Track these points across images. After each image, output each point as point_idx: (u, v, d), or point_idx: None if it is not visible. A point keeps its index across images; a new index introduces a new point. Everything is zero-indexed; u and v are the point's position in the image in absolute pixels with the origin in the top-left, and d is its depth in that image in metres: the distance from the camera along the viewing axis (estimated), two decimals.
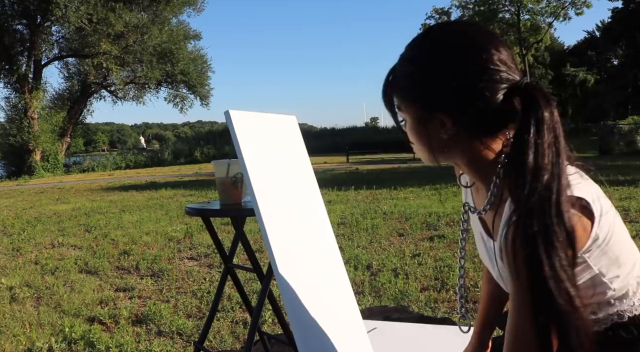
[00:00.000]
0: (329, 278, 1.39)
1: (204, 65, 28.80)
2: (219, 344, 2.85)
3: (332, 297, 1.38)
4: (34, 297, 3.90)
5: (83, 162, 26.65)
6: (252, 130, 1.26)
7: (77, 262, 4.93)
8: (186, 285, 4.01)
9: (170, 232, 6.21)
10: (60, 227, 7.05)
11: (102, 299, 3.72)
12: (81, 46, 24.13)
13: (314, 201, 1.46)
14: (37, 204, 10.28)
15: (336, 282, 1.44)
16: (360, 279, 3.86)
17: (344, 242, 5.07)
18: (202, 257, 4.90)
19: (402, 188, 9.50)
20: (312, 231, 1.36)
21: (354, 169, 16.11)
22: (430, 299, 3.34)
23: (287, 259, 1.20)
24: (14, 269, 4.77)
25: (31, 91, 22.89)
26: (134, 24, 23.88)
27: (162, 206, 8.83)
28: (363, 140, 28.15)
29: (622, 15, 33.88)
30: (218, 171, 1.80)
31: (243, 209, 1.78)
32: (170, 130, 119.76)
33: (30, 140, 22.14)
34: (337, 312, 1.39)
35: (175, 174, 18.41)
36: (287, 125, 1.45)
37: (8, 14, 22.81)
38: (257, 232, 5.62)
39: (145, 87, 28.25)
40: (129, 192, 12.07)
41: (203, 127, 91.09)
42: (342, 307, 1.43)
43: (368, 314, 3.06)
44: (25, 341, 3.00)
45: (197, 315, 3.32)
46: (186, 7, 26.16)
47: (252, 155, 1.21)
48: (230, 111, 1.20)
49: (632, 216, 5.90)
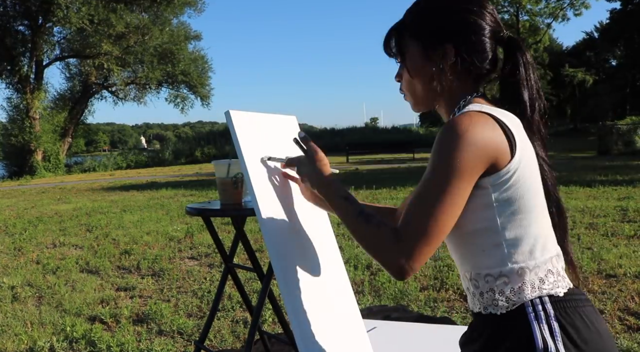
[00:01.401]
0: (329, 278, 1.40)
1: (205, 66, 28.81)
2: (220, 343, 2.87)
3: (332, 297, 1.39)
4: (35, 297, 3.92)
5: (84, 162, 26.63)
6: (252, 130, 1.27)
7: (79, 261, 4.95)
8: (187, 284, 4.03)
9: (171, 232, 6.23)
10: (61, 227, 7.07)
11: (103, 299, 3.74)
12: (82, 47, 24.14)
13: None
14: (38, 204, 10.30)
15: (336, 282, 1.45)
16: (360, 278, 3.87)
17: (344, 242, 5.08)
18: (203, 257, 4.91)
19: (402, 188, 9.51)
20: (312, 231, 1.37)
21: (354, 169, 16.11)
22: (429, 299, 3.35)
23: (287, 258, 1.21)
24: (15, 268, 4.79)
25: (33, 92, 22.89)
26: (135, 25, 23.87)
27: (163, 206, 8.84)
28: (363, 140, 28.14)
29: (621, 16, 33.84)
30: (218, 171, 1.81)
31: (243, 209, 1.79)
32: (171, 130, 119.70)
33: (31, 141, 22.15)
34: (337, 311, 1.40)
35: (175, 174, 18.42)
36: (287, 126, 1.47)
37: (10, 15, 22.83)
38: (257, 232, 5.63)
39: (146, 88, 28.26)
40: (129, 192, 12.08)
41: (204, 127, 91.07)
42: (342, 306, 1.44)
43: (368, 314, 3.07)
44: (27, 340, 3.01)
45: (198, 314, 3.34)
46: (187, 8, 26.17)
47: (252, 155, 1.22)
48: (230, 111, 1.22)
49: (630, 215, 5.91)
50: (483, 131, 0.85)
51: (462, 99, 0.98)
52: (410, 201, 0.88)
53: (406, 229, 0.84)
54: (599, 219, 5.76)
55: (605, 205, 6.61)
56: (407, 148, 22.21)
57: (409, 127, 46.86)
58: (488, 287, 0.90)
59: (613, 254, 4.22)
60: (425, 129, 43.59)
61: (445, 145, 0.85)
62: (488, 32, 0.96)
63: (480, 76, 0.98)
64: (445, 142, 0.85)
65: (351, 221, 0.94)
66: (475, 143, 0.83)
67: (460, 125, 0.84)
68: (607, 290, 3.36)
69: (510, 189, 0.87)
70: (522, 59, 0.96)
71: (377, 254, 0.87)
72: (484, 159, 0.84)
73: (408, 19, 1.01)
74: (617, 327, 2.79)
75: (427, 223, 0.83)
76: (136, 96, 28.73)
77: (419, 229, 0.83)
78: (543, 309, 0.86)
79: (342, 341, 1.37)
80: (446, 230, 0.85)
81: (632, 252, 4.27)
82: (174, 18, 26.50)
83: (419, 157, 20.22)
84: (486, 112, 0.88)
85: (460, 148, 0.83)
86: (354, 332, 1.47)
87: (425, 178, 0.87)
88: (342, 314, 1.44)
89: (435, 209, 0.83)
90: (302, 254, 1.30)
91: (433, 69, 0.97)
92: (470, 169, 0.84)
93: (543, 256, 0.89)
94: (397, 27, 1.03)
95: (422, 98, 1.02)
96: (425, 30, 0.98)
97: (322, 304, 1.32)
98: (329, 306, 1.36)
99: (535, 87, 0.97)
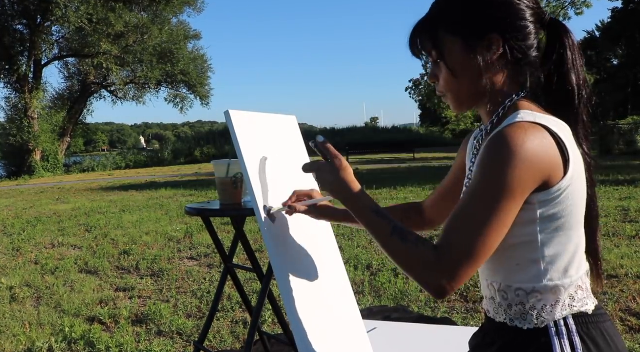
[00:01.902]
0: (329, 278, 1.39)
1: (204, 65, 28.80)
2: (219, 344, 2.85)
3: (332, 298, 1.38)
4: (34, 297, 3.90)
5: (83, 162, 26.64)
6: (252, 130, 1.26)
7: (77, 262, 4.93)
8: (186, 285, 4.01)
9: (171, 232, 6.22)
10: (60, 227, 7.05)
11: (102, 299, 3.72)
12: (81, 46, 24.12)
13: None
14: (37, 204, 10.28)
15: (336, 283, 1.44)
16: (360, 279, 3.86)
17: (344, 242, 5.07)
18: (202, 257, 4.90)
19: (402, 188, 9.51)
20: (311, 231, 1.36)
21: (354, 169, 16.08)
22: (430, 299, 3.34)
23: (287, 259, 1.20)
24: (14, 269, 4.77)
25: (31, 91, 22.88)
26: (134, 24, 23.86)
27: (162, 206, 8.83)
28: (363, 140, 28.19)
29: (622, 15, 33.82)
30: (218, 171, 1.80)
31: (243, 209, 1.78)
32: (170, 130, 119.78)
33: (30, 140, 22.13)
34: (337, 312, 1.39)
35: (175, 174, 18.41)
36: (287, 126, 1.45)
37: (8, 14, 22.79)
38: (257, 232, 5.62)
39: (145, 87, 28.25)
40: (129, 192, 12.07)
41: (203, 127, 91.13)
42: (342, 307, 1.43)
43: (368, 314, 3.06)
44: (25, 340, 3.00)
45: (197, 315, 3.32)
46: (186, 7, 26.16)
47: (252, 155, 1.21)
48: (230, 111, 1.20)
49: (632, 215, 5.90)
50: (538, 147, 0.78)
51: (508, 98, 0.90)
52: (453, 217, 0.82)
53: (450, 249, 0.79)
54: (600, 219, 5.74)
55: (606, 205, 6.60)
56: (407, 148, 22.24)
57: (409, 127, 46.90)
58: (518, 300, 0.86)
59: (614, 254, 4.21)
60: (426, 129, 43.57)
61: (497, 160, 0.78)
62: (531, 15, 0.88)
63: (528, 66, 0.90)
64: (497, 156, 0.78)
65: (385, 238, 0.87)
66: (530, 160, 0.77)
67: (515, 140, 0.77)
68: (609, 291, 3.35)
69: (557, 206, 0.82)
70: (568, 42, 0.89)
71: (415, 274, 0.82)
72: (537, 177, 0.79)
73: (438, 12, 0.92)
74: (619, 328, 2.78)
75: (474, 244, 0.78)
76: (135, 96, 28.72)
77: (465, 249, 0.78)
78: (565, 324, 0.84)
79: (342, 342, 1.36)
80: (493, 250, 0.80)
81: (633, 253, 4.26)
82: (174, 17, 26.50)
83: (419, 157, 20.24)
84: (539, 123, 0.81)
85: (514, 165, 0.77)
86: (354, 332, 1.46)
87: (472, 193, 0.81)
88: (342, 314, 1.42)
89: (484, 229, 0.78)
90: (302, 255, 1.29)
91: (480, 64, 0.88)
92: (523, 188, 0.78)
93: (577, 274, 0.86)
94: (425, 22, 0.93)
95: (466, 97, 0.93)
96: (463, 22, 0.89)
97: (322, 304, 1.30)
98: (329, 306, 1.35)
99: (582, 74, 0.89)
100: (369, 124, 62.14)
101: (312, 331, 1.18)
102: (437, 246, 0.81)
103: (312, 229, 1.37)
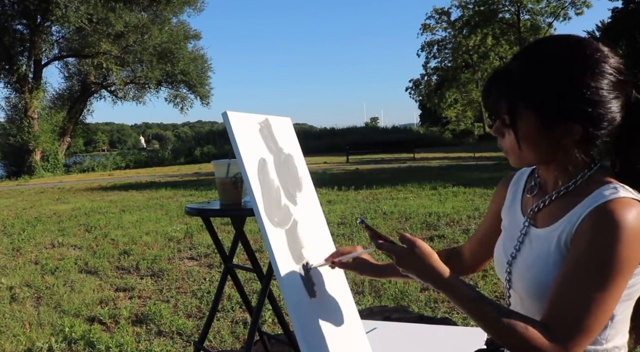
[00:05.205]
0: (329, 278, 1.40)
1: (204, 65, 28.78)
2: (219, 344, 2.86)
3: (332, 298, 1.38)
4: (34, 297, 3.90)
5: (83, 162, 26.63)
6: (250, 131, 1.26)
7: (77, 262, 4.93)
8: (186, 285, 4.01)
9: (171, 232, 6.22)
10: (60, 227, 7.05)
11: (102, 299, 3.72)
12: (81, 46, 24.11)
13: (310, 201, 1.47)
14: (37, 204, 10.28)
15: (336, 283, 1.44)
16: (360, 279, 3.86)
17: (343, 242, 5.07)
18: (202, 257, 4.90)
19: (402, 188, 9.50)
20: (310, 231, 1.36)
21: (354, 169, 16.10)
22: (430, 299, 3.34)
23: (287, 259, 1.20)
24: (14, 269, 4.77)
25: (31, 91, 22.88)
26: (134, 24, 23.86)
27: (162, 206, 8.83)
28: (363, 140, 28.15)
29: (622, 15, 33.80)
30: (218, 171, 1.80)
31: (243, 209, 1.78)
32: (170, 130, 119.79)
33: (30, 140, 22.13)
34: (336, 312, 1.39)
35: (175, 174, 18.41)
36: (282, 127, 1.46)
37: (8, 14, 22.79)
38: (256, 233, 5.62)
39: (145, 87, 28.24)
40: (129, 192, 12.07)
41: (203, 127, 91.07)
42: (341, 307, 1.43)
43: (368, 314, 3.06)
44: (25, 340, 3.00)
45: (197, 315, 3.32)
46: (186, 7, 26.15)
47: (251, 156, 1.21)
48: (228, 112, 1.21)
49: None
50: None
51: (580, 172, 0.90)
52: (562, 292, 0.82)
53: (563, 328, 0.80)
54: None
55: None
56: (407, 148, 22.21)
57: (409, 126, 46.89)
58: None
59: None
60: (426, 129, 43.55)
61: (607, 238, 0.79)
62: (614, 97, 0.85)
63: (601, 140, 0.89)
64: (606, 234, 0.79)
65: (490, 323, 0.86)
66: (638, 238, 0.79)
67: (624, 217, 0.79)
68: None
69: (636, 276, 0.84)
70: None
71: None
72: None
73: (519, 79, 0.87)
74: None
75: (587, 321, 0.79)
76: (135, 96, 28.73)
77: (578, 327, 0.79)
78: None
79: (343, 342, 1.36)
80: (605, 323, 0.81)
81: None
82: (174, 17, 26.49)
83: (419, 157, 20.23)
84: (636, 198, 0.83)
85: (626, 243, 0.78)
86: (354, 333, 1.46)
87: (581, 269, 0.81)
88: (342, 315, 1.43)
89: (597, 307, 0.79)
90: (302, 254, 1.29)
91: (554, 144, 0.88)
92: (634, 265, 0.80)
93: (625, 336, 0.89)
94: (506, 83, 0.89)
95: (529, 162, 0.94)
96: (549, 103, 0.85)
97: (322, 304, 1.31)
98: (328, 306, 1.35)
99: None
100: (369, 124, 62.18)
101: (313, 331, 1.18)
102: (547, 325, 0.81)
103: (312, 229, 1.37)
